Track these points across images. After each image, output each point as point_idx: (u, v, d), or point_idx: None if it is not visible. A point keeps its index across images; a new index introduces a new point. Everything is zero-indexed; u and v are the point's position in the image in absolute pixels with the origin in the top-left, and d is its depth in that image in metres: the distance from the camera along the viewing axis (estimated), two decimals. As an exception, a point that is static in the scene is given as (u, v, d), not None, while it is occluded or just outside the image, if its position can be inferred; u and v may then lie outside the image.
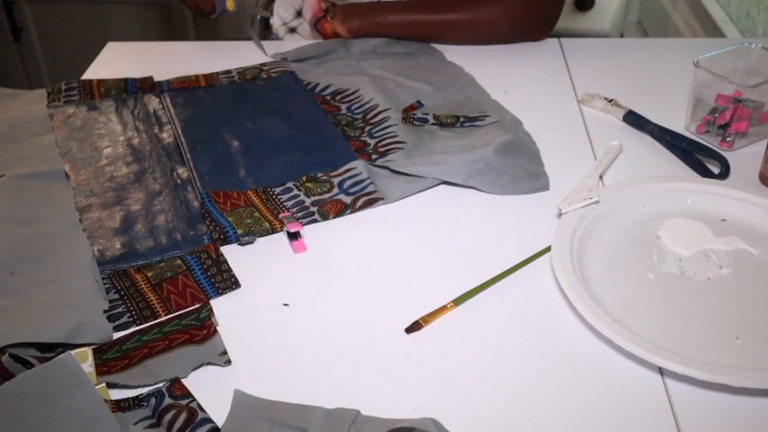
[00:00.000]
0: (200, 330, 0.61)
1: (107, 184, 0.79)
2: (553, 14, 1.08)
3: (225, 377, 0.58)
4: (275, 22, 1.20)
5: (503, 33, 1.07)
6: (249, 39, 1.11)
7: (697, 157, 0.82)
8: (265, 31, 1.30)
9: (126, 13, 2.26)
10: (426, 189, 0.79)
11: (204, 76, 1.01)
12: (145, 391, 0.56)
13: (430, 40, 1.09)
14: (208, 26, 2.27)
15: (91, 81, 0.99)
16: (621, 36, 1.82)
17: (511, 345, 0.61)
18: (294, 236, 0.72)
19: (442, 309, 0.64)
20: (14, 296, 0.63)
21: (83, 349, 0.58)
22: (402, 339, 0.62)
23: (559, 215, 0.72)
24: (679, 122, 0.89)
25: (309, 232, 0.74)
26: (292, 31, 1.21)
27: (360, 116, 0.91)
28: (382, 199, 0.77)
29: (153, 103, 0.95)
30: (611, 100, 0.92)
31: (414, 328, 0.62)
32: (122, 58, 1.10)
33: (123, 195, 0.78)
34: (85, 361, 0.57)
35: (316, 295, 0.67)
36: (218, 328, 0.62)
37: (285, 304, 0.66)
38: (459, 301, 0.65)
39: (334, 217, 0.75)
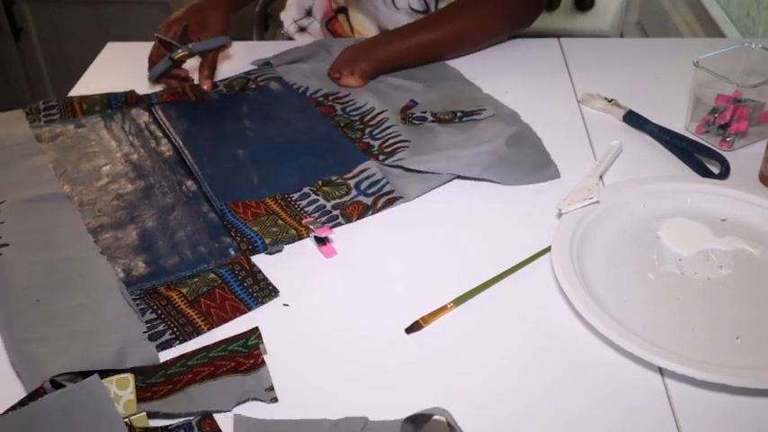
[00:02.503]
0: (247, 359, 0.58)
1: (115, 202, 0.77)
2: (530, 13, 1.06)
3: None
4: (286, 21, 1.20)
5: (500, 30, 1.06)
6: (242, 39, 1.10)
7: (697, 157, 0.82)
8: (265, 33, 1.31)
9: (126, 13, 2.26)
10: (443, 184, 0.80)
11: (191, 88, 0.98)
12: (174, 421, 0.55)
13: (438, 57, 1.04)
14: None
15: (71, 98, 0.96)
16: (621, 36, 1.82)
17: (511, 345, 0.61)
18: (323, 241, 0.72)
19: (442, 309, 0.64)
20: (49, 325, 0.61)
21: (124, 375, 0.55)
22: (402, 339, 0.62)
23: (559, 215, 0.72)
24: (679, 122, 0.89)
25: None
26: (302, 30, 1.20)
27: (357, 118, 0.91)
28: (401, 197, 0.77)
29: (143, 117, 0.93)
30: (611, 100, 0.92)
31: (414, 328, 0.62)
32: (122, 58, 1.10)
33: (134, 213, 0.76)
34: (126, 388, 0.54)
35: (315, 296, 0.67)
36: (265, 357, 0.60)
37: (285, 304, 0.66)
38: (459, 301, 0.65)
39: (358, 219, 0.75)
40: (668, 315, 0.63)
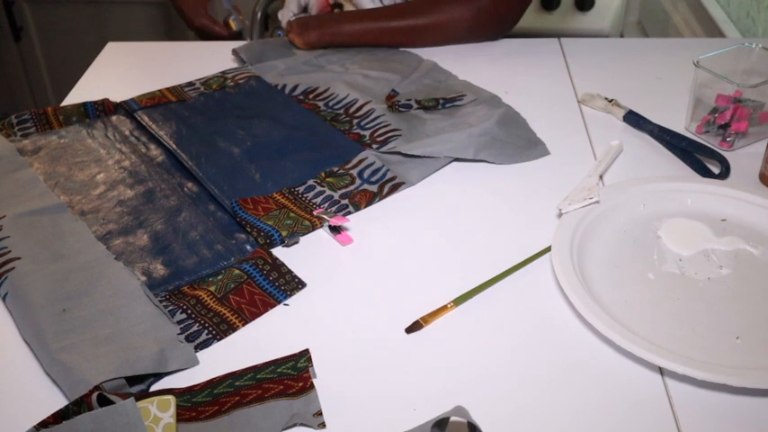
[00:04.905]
0: (296, 382, 0.57)
1: (118, 209, 0.77)
2: (512, 16, 1.09)
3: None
4: (284, 17, 1.20)
5: (459, 36, 1.08)
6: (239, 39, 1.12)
7: (697, 157, 0.82)
8: (266, 33, 1.31)
9: (126, 13, 2.26)
10: (442, 167, 0.82)
11: (169, 90, 0.98)
12: None
13: (388, 46, 1.09)
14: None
15: (45, 110, 0.93)
16: (621, 36, 1.82)
17: (511, 345, 0.61)
18: (337, 229, 0.73)
19: (442, 309, 0.64)
20: (79, 333, 0.60)
21: (166, 397, 0.52)
22: (402, 339, 0.62)
23: (559, 215, 0.72)
24: (679, 122, 0.89)
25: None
26: None
27: (342, 111, 0.92)
28: (404, 183, 0.79)
29: (125, 123, 0.92)
30: (612, 100, 0.92)
31: (414, 328, 0.62)
32: (122, 58, 1.10)
33: (141, 218, 0.76)
34: (167, 410, 0.52)
35: (315, 295, 0.67)
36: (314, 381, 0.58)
37: (285, 304, 0.66)
38: (459, 301, 0.65)
39: (366, 206, 0.77)
40: (668, 315, 0.63)
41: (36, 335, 0.61)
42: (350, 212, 0.76)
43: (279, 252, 0.71)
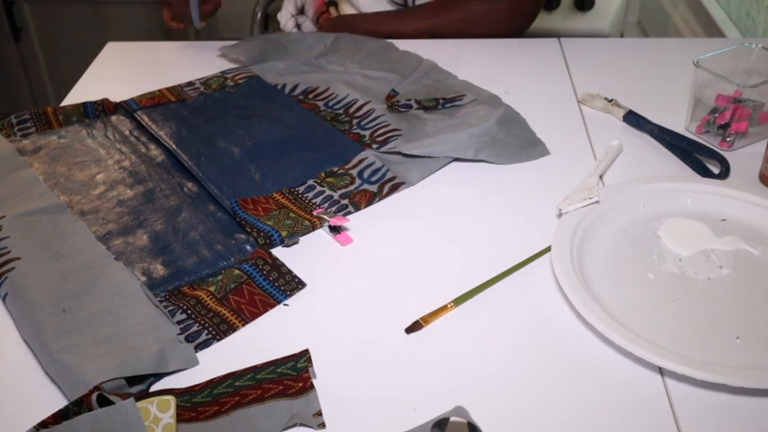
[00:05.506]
0: (296, 382, 0.56)
1: (118, 209, 0.77)
2: (524, 18, 1.10)
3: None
4: (283, 18, 1.21)
5: (480, 33, 1.10)
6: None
7: (697, 157, 0.82)
8: (266, 33, 1.31)
9: (126, 13, 2.26)
10: (442, 167, 0.82)
11: (169, 90, 0.99)
12: None
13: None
14: (208, 26, 2.27)
15: (45, 110, 0.92)
16: (621, 36, 1.82)
17: (511, 345, 0.61)
18: (337, 229, 0.73)
19: (442, 309, 0.64)
20: (79, 333, 0.60)
21: (166, 398, 0.52)
22: (402, 339, 0.62)
23: (559, 215, 0.72)
24: (679, 122, 0.89)
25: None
26: (298, 27, 1.22)
27: (342, 111, 0.92)
28: (404, 183, 0.79)
29: (125, 123, 0.92)
30: (612, 100, 0.92)
31: (414, 328, 0.62)
32: (122, 58, 1.10)
33: (141, 218, 0.75)
34: (167, 410, 0.52)
35: (315, 295, 0.67)
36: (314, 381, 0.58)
37: (285, 304, 0.66)
38: (459, 301, 0.65)
39: (366, 206, 0.77)
40: (668, 315, 0.63)
41: (36, 335, 0.61)
42: (350, 212, 0.76)
43: (279, 252, 0.71)
